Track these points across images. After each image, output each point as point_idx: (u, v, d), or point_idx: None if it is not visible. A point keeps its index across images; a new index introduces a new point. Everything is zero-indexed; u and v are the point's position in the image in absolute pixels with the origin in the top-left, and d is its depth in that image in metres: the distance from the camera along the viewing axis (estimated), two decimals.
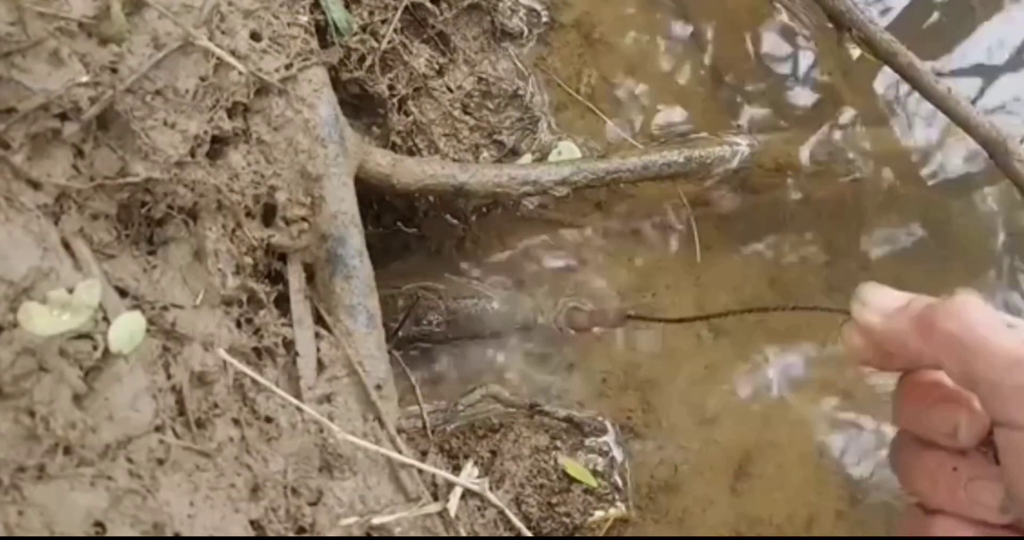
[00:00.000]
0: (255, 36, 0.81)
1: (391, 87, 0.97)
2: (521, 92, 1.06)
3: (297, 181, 0.83)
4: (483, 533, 0.83)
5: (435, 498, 0.82)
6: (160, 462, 0.69)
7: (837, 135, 1.16)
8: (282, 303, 0.84)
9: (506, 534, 0.84)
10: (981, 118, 1.05)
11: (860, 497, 0.98)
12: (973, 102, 1.15)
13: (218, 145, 0.80)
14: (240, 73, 0.78)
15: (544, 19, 1.13)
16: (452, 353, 0.97)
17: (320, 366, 0.82)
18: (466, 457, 0.87)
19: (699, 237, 1.05)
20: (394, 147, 0.97)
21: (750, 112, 1.15)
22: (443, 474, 0.82)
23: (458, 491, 0.83)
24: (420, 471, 0.82)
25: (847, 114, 1.18)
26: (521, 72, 1.08)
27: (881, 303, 0.39)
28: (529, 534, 0.84)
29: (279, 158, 0.82)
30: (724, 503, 0.95)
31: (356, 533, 0.76)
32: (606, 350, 0.99)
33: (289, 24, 0.84)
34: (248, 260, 0.81)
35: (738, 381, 1.01)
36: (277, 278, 0.85)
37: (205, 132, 0.77)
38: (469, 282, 1.01)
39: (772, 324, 1.03)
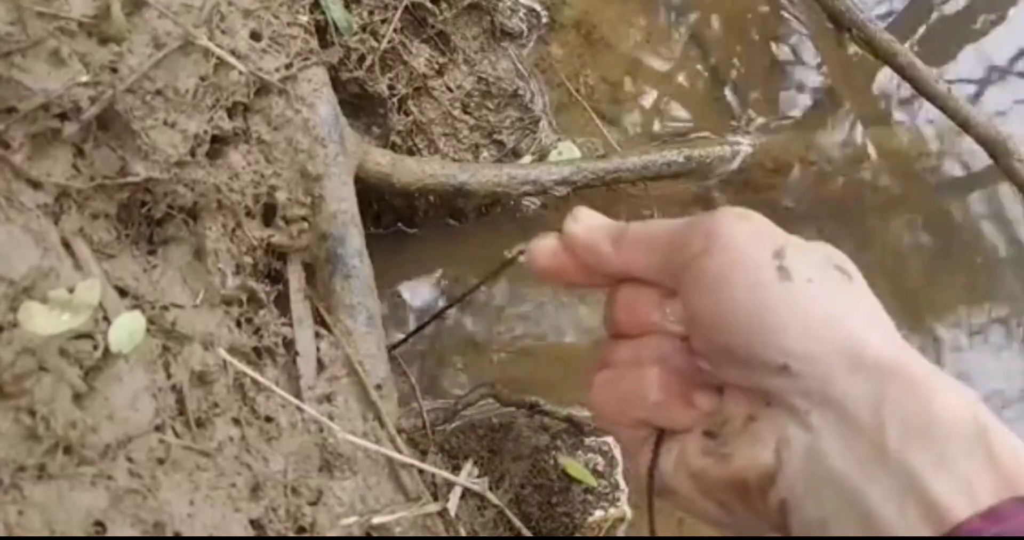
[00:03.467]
0: (255, 36, 0.82)
1: (391, 87, 0.97)
2: (521, 92, 1.06)
3: (297, 181, 0.83)
4: (483, 533, 0.83)
5: (435, 498, 0.82)
6: (160, 461, 0.69)
7: (837, 135, 1.16)
8: (282, 303, 0.84)
9: (506, 534, 0.84)
10: (981, 118, 1.05)
11: None
12: (973, 102, 1.15)
13: (218, 145, 0.80)
14: (240, 73, 0.78)
15: (544, 19, 1.13)
16: None
17: (320, 366, 0.82)
18: (466, 457, 0.87)
19: None
20: (394, 147, 0.97)
21: (750, 112, 1.15)
22: (443, 474, 0.82)
23: (458, 491, 0.83)
24: (420, 471, 0.82)
25: (847, 114, 1.18)
26: (521, 72, 1.08)
27: (589, 220, 0.45)
28: (529, 534, 0.84)
29: (279, 158, 0.82)
30: None
31: (356, 533, 0.76)
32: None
33: (289, 24, 0.84)
34: (248, 260, 0.81)
35: None
36: (277, 278, 0.85)
37: (205, 132, 0.77)
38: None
39: None
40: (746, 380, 0.38)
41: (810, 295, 0.36)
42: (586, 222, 0.44)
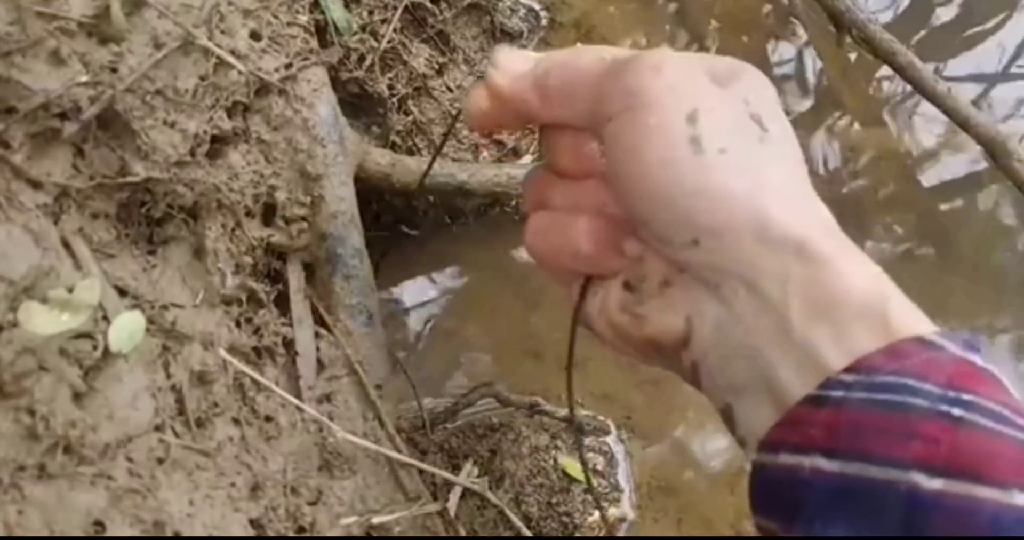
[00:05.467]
0: (255, 36, 0.82)
1: (391, 87, 0.97)
2: None
3: (296, 181, 0.83)
4: (483, 533, 0.83)
5: (435, 498, 0.82)
6: (160, 461, 0.69)
7: (836, 135, 1.16)
8: (282, 303, 0.84)
9: (506, 534, 0.84)
10: (981, 118, 1.05)
11: None
12: (973, 102, 1.15)
13: (218, 144, 0.80)
14: (240, 73, 0.78)
15: (544, 19, 1.13)
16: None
17: (320, 365, 0.82)
18: (466, 457, 0.87)
19: None
20: (394, 147, 0.97)
21: None
22: (443, 474, 0.82)
23: (458, 491, 0.83)
24: (420, 471, 0.82)
25: (846, 115, 1.18)
26: None
27: (510, 65, 0.42)
28: (529, 534, 0.84)
29: (278, 158, 0.82)
30: (724, 503, 0.95)
31: (356, 532, 0.76)
32: (606, 350, 0.99)
33: (289, 24, 0.84)
34: (248, 259, 0.81)
35: None
36: (277, 278, 0.85)
37: (205, 132, 0.77)
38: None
39: None
40: (660, 248, 0.38)
41: (721, 169, 0.36)
42: (508, 70, 0.42)
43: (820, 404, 0.32)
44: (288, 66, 0.83)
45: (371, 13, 0.95)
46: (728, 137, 0.36)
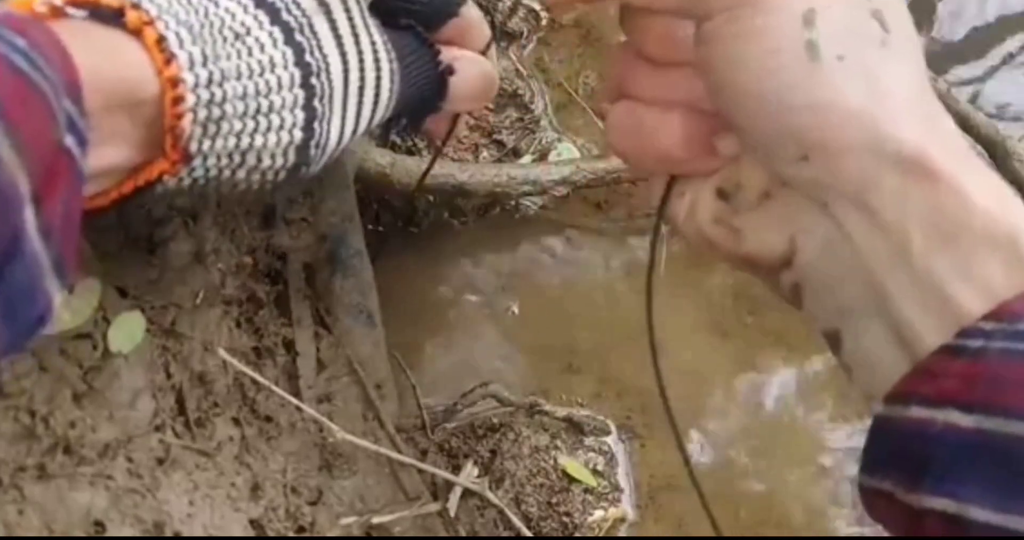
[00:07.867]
0: None
1: None
2: (521, 92, 1.06)
3: (296, 181, 0.83)
4: (483, 533, 0.83)
5: (435, 498, 0.82)
6: (160, 461, 0.69)
7: None
8: (282, 303, 0.84)
9: (506, 534, 0.84)
10: (981, 118, 1.05)
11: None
12: (972, 102, 1.15)
13: None
14: None
15: (544, 20, 1.13)
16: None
17: (320, 365, 0.82)
18: (466, 457, 0.87)
19: None
20: (393, 147, 0.97)
21: None
22: (443, 474, 0.82)
23: (458, 491, 0.83)
24: (420, 471, 0.82)
25: None
26: (521, 72, 1.08)
27: None
28: (529, 534, 0.84)
29: None
30: (725, 503, 0.95)
31: (356, 532, 0.76)
32: (607, 350, 0.99)
33: None
34: (248, 260, 0.81)
35: (739, 381, 1.01)
36: (277, 278, 0.85)
37: None
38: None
39: (773, 325, 1.03)
40: (761, 161, 0.36)
41: (837, 80, 0.32)
42: None
43: (957, 354, 0.30)
44: None
45: None
46: (848, 41, 0.32)
